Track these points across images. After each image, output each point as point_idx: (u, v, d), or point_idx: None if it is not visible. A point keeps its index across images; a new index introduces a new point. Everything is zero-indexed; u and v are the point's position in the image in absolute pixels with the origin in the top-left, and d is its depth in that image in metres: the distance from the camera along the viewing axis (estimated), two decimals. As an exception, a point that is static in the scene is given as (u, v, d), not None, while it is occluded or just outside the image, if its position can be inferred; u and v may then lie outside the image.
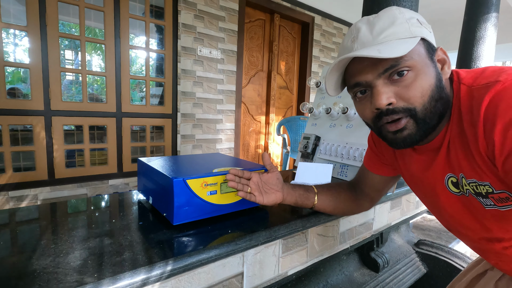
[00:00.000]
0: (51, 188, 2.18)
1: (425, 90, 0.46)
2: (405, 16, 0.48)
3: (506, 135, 0.39)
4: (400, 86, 0.47)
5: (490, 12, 2.35)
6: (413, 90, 0.46)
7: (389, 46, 0.45)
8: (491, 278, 0.67)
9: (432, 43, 0.50)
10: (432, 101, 0.47)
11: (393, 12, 0.49)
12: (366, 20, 0.50)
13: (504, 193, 0.45)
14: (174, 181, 0.65)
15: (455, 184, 0.52)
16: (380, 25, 0.47)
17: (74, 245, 0.58)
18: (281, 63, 3.69)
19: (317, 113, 1.47)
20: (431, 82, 0.47)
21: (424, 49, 0.48)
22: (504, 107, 0.39)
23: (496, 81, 0.42)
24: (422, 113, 0.47)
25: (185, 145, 2.80)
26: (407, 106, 0.47)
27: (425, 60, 0.47)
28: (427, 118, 0.48)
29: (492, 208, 0.48)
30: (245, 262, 0.67)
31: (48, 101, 2.12)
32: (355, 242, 1.02)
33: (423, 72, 0.46)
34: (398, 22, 0.47)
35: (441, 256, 1.34)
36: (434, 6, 3.89)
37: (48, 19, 2.06)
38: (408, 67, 0.46)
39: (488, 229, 0.53)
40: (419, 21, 0.48)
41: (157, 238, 0.63)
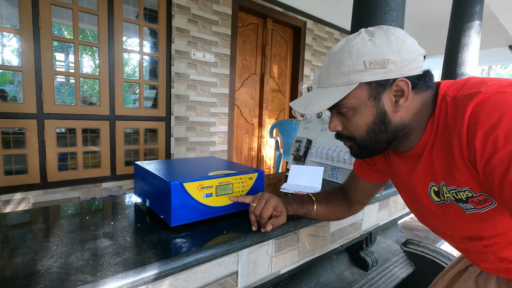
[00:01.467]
0: (44, 192, 2.17)
1: (360, 127, 0.57)
2: (352, 60, 0.52)
3: (486, 141, 0.42)
4: (344, 119, 0.59)
5: (473, 20, 2.45)
6: (351, 125, 0.58)
7: (321, 96, 0.57)
8: (471, 274, 0.71)
9: (382, 80, 0.52)
10: (370, 133, 0.57)
11: (343, 54, 0.54)
12: (331, 54, 0.57)
13: (482, 195, 0.49)
14: (171, 184, 0.68)
15: (437, 193, 0.56)
16: (331, 67, 0.56)
17: (75, 247, 0.60)
18: (273, 67, 3.74)
19: (309, 117, 1.51)
20: (366, 121, 0.56)
21: (365, 91, 0.54)
22: (484, 115, 0.43)
23: (478, 92, 0.46)
24: (360, 142, 0.59)
25: (178, 148, 2.82)
26: (348, 134, 0.60)
27: (364, 101, 0.54)
28: (366, 145, 0.59)
29: (473, 211, 0.52)
30: (240, 261, 0.70)
31: (40, 104, 2.12)
32: (345, 241, 1.06)
33: (359, 113, 0.56)
34: (341, 69, 0.54)
35: (427, 255, 1.40)
36: (421, 12, 4.01)
37: (41, 22, 2.06)
38: (346, 108, 0.56)
39: (469, 230, 0.57)
40: (367, 63, 0.51)
41: (155, 239, 0.65)
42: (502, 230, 0.53)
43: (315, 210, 0.78)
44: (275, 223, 0.71)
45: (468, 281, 0.71)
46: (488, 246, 0.57)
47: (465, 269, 0.75)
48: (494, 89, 0.45)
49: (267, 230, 0.70)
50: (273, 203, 0.70)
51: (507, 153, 0.40)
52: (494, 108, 0.42)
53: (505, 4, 3.43)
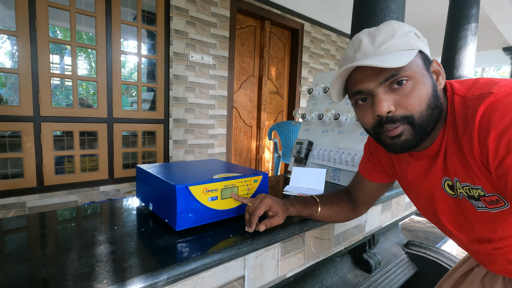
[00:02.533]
0: (40, 196, 2.14)
1: (423, 99, 0.50)
2: (404, 29, 0.51)
3: (499, 142, 0.42)
4: (399, 95, 0.50)
5: (470, 23, 2.48)
6: (411, 99, 0.49)
7: (391, 57, 0.48)
8: (477, 275, 0.71)
9: (428, 55, 0.53)
10: (429, 109, 0.50)
11: (392, 25, 0.52)
12: (367, 32, 0.53)
13: (495, 196, 0.49)
14: (176, 187, 0.67)
15: (451, 187, 0.56)
16: (381, 37, 0.51)
17: (79, 253, 0.58)
18: (271, 69, 3.74)
19: (310, 119, 1.51)
20: (428, 92, 0.50)
21: (421, 60, 0.51)
22: (498, 116, 0.43)
23: (489, 93, 0.46)
24: (419, 120, 0.50)
25: (177, 151, 2.80)
26: (405, 114, 0.50)
27: (423, 71, 0.51)
28: (423, 124, 0.51)
29: (484, 210, 0.52)
30: (247, 266, 0.69)
31: (37, 107, 2.09)
32: (348, 244, 1.05)
33: (420, 82, 0.50)
34: (397, 35, 0.50)
35: (429, 256, 1.40)
36: (417, 14, 4.05)
37: (38, 24, 2.04)
38: (407, 77, 0.49)
39: (479, 231, 0.57)
40: (416, 34, 0.52)
41: (161, 244, 0.64)
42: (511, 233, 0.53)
43: (320, 211, 0.77)
44: (268, 223, 0.70)
45: (474, 282, 0.71)
46: (498, 249, 0.56)
47: (471, 270, 0.75)
48: (506, 90, 0.45)
49: (259, 230, 0.69)
50: (268, 202, 0.69)
51: None
52: (508, 109, 0.42)
53: (499, 7, 3.48)
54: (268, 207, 0.70)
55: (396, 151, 0.54)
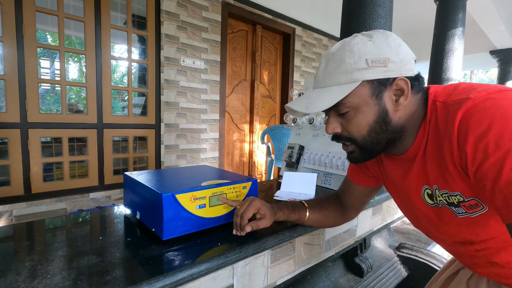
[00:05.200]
0: (27, 204, 2.09)
1: (362, 126, 0.55)
2: (354, 58, 0.52)
3: (476, 147, 0.43)
4: (345, 119, 0.57)
5: (457, 27, 2.53)
6: (352, 126, 0.56)
7: (323, 95, 0.54)
8: (463, 277, 0.72)
9: (384, 78, 0.53)
10: (371, 133, 0.55)
11: (344, 52, 0.53)
12: (328, 54, 0.56)
13: (474, 200, 0.49)
14: (163, 196, 0.66)
15: (430, 196, 0.57)
16: (330, 67, 0.54)
17: (61, 265, 0.57)
18: (263, 73, 3.75)
19: (301, 123, 1.51)
20: (369, 120, 0.54)
21: (367, 89, 0.53)
22: (475, 122, 0.43)
23: (467, 98, 0.46)
24: (362, 143, 0.57)
25: (169, 156, 2.77)
26: (349, 136, 0.57)
27: (366, 100, 0.53)
28: (367, 146, 0.57)
29: (464, 215, 0.52)
30: (235, 274, 0.68)
31: (24, 113, 2.05)
32: (340, 249, 1.05)
33: (361, 112, 0.54)
34: (342, 67, 0.52)
35: (420, 259, 1.40)
36: (405, 19, 4.12)
37: (25, 28, 2.01)
38: (347, 107, 0.54)
39: (461, 234, 0.57)
40: (369, 61, 0.51)
41: (147, 254, 0.63)
42: (493, 235, 0.54)
43: (308, 216, 0.77)
44: (255, 225, 0.69)
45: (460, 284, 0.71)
46: (480, 251, 0.57)
47: (457, 272, 0.75)
48: (484, 95, 0.45)
49: (246, 231, 0.68)
50: (256, 205, 0.69)
51: (497, 159, 0.40)
52: (485, 114, 0.43)
53: (485, 12, 3.56)
54: (256, 209, 0.69)
55: (352, 162, 0.63)
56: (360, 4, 1.40)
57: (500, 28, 4.08)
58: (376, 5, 1.38)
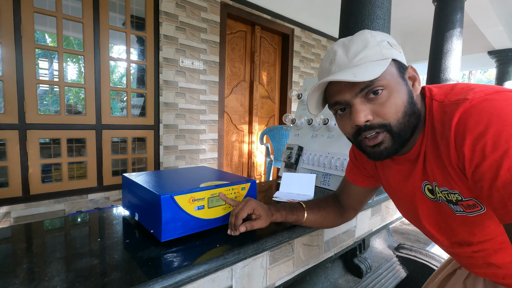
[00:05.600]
0: (26, 205, 2.08)
1: (399, 107, 0.50)
2: (376, 39, 0.52)
3: (474, 148, 0.43)
4: (376, 104, 0.51)
5: (455, 28, 2.53)
6: (387, 107, 0.50)
7: (363, 69, 0.49)
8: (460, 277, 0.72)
9: (402, 62, 0.54)
10: (405, 116, 0.51)
11: (365, 35, 0.52)
12: (341, 43, 0.54)
13: (472, 201, 0.50)
14: (161, 197, 0.66)
15: (431, 191, 0.57)
16: (354, 48, 0.51)
17: (59, 268, 0.56)
18: (262, 73, 3.75)
19: (299, 124, 1.51)
20: (403, 99, 0.51)
21: (395, 69, 0.52)
22: (472, 123, 0.43)
23: (465, 99, 0.46)
24: (397, 127, 0.51)
25: (167, 157, 2.77)
26: (383, 122, 0.51)
27: (397, 79, 0.51)
28: (401, 132, 0.52)
29: (462, 214, 0.53)
30: (234, 276, 0.68)
31: (22, 114, 2.04)
32: (339, 249, 1.05)
33: (395, 90, 0.51)
34: (370, 45, 0.51)
35: (419, 259, 1.40)
36: (403, 20, 4.13)
37: (24, 29, 2.00)
38: (382, 86, 0.50)
39: (459, 234, 0.57)
40: (390, 43, 0.52)
41: (145, 256, 0.62)
42: (490, 236, 0.54)
43: (306, 217, 0.76)
44: (249, 225, 0.67)
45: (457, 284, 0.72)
46: (477, 252, 0.57)
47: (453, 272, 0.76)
48: (481, 96, 0.45)
49: (240, 231, 0.66)
50: (251, 205, 0.68)
51: (495, 159, 0.40)
52: (482, 115, 0.43)
53: (483, 13, 3.57)
54: (251, 209, 0.69)
55: (377, 158, 0.55)
56: (358, 5, 1.40)
57: (498, 29, 4.09)
58: (374, 6, 1.38)
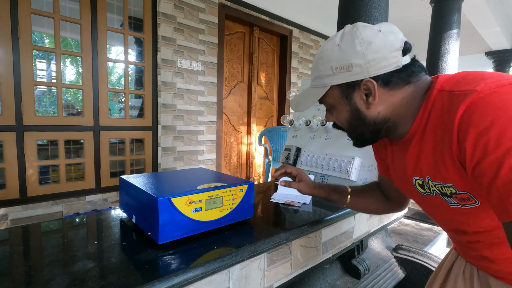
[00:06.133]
0: (23, 207, 2.07)
1: (341, 122, 0.63)
2: (323, 66, 0.59)
3: (476, 144, 0.42)
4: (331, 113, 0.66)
5: (452, 29, 2.54)
6: (337, 120, 0.65)
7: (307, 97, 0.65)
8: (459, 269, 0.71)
9: (351, 81, 0.56)
10: (351, 127, 0.62)
11: (318, 60, 0.61)
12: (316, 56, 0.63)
13: (466, 194, 0.49)
14: (158, 200, 0.66)
15: (421, 186, 0.57)
16: (312, 70, 0.63)
17: (55, 271, 0.56)
18: (261, 74, 3.76)
19: (297, 125, 1.51)
20: (345, 116, 0.61)
21: (338, 91, 0.59)
22: (477, 117, 0.42)
23: (473, 90, 0.44)
24: (350, 133, 0.65)
25: (166, 158, 2.76)
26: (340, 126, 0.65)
27: (339, 100, 0.60)
28: (353, 135, 0.64)
29: (456, 206, 0.53)
30: (231, 278, 0.68)
31: (20, 116, 2.03)
32: (337, 251, 1.05)
33: (336, 110, 0.62)
34: (316, 74, 0.61)
35: (418, 260, 1.41)
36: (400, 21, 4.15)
37: (21, 31, 1.99)
38: (327, 105, 0.64)
39: (454, 222, 0.59)
40: (333, 68, 0.57)
41: (142, 258, 0.62)
42: (485, 228, 0.54)
43: (350, 198, 0.83)
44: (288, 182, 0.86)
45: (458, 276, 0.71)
46: (472, 243, 0.58)
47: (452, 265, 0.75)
48: (491, 88, 0.43)
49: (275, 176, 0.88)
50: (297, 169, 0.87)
51: (497, 157, 0.39)
52: (489, 110, 0.41)
53: (480, 14, 3.59)
54: (296, 171, 0.86)
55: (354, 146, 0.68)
56: (356, 7, 1.41)
57: (495, 30, 4.11)
58: (371, 8, 1.39)
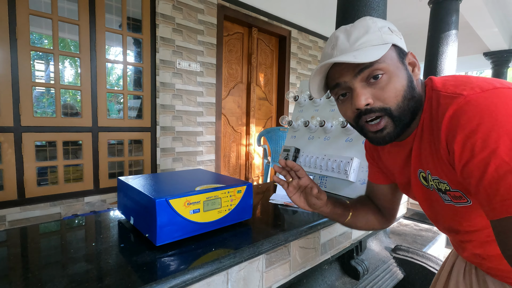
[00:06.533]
0: (21, 208, 2.06)
1: (398, 91, 0.52)
2: (377, 25, 0.53)
3: (464, 146, 0.44)
4: (376, 88, 0.52)
5: (450, 30, 2.55)
6: (387, 91, 0.52)
7: (364, 52, 0.50)
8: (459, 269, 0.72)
9: (403, 48, 0.55)
10: (405, 100, 0.52)
11: (366, 22, 0.54)
12: (343, 30, 0.55)
13: (458, 192, 0.51)
14: (156, 201, 0.65)
15: (425, 178, 0.58)
16: (356, 33, 0.53)
17: (53, 273, 0.56)
18: (259, 75, 3.76)
19: (296, 126, 1.51)
20: (403, 83, 0.52)
21: (395, 53, 0.53)
22: (465, 120, 0.44)
23: (460, 94, 0.47)
24: (397, 111, 0.52)
25: (164, 159, 2.76)
26: (383, 106, 0.52)
27: (397, 64, 0.52)
28: (401, 115, 0.53)
29: (449, 203, 0.55)
30: (230, 280, 0.68)
31: (18, 117, 2.03)
32: (335, 252, 1.05)
33: (395, 75, 0.52)
34: (371, 30, 0.52)
35: (416, 261, 1.41)
36: (398, 22, 4.16)
37: (19, 32, 1.99)
38: (381, 70, 0.51)
39: (447, 221, 0.60)
40: (390, 29, 0.54)
41: (140, 260, 0.62)
42: (476, 227, 0.55)
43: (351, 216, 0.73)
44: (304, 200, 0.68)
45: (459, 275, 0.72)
46: (465, 242, 0.60)
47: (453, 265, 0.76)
48: (477, 92, 0.45)
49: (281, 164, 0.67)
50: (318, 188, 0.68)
51: (483, 158, 0.41)
52: (475, 113, 0.43)
53: (478, 14, 3.60)
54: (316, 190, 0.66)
55: (380, 143, 0.56)
56: (354, 7, 1.41)
57: (493, 30, 4.13)
58: (370, 8, 1.39)
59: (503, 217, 0.40)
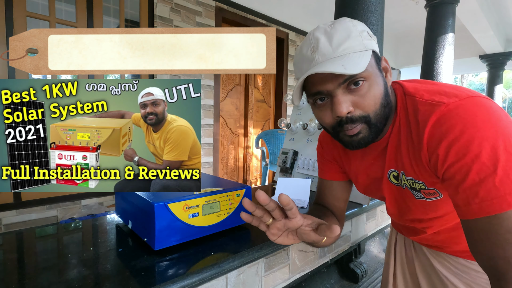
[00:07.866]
0: (17, 212, 2.04)
1: (377, 99, 0.52)
2: (357, 29, 0.51)
3: (448, 151, 0.46)
4: (356, 95, 0.51)
5: (447, 32, 2.57)
6: (367, 99, 0.51)
7: (350, 60, 0.48)
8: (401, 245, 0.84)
9: (378, 53, 0.55)
10: (382, 107, 0.53)
11: (347, 24, 0.51)
12: (323, 30, 0.52)
13: (433, 190, 0.55)
14: (155, 205, 0.65)
15: (396, 177, 0.61)
16: (338, 37, 0.50)
17: (49, 278, 0.55)
18: (257, 77, 3.76)
19: (294, 128, 1.51)
20: (381, 91, 0.52)
21: (374, 60, 0.52)
22: (448, 127, 0.46)
23: (440, 103, 0.49)
24: (374, 119, 0.53)
25: (162, 161, 2.75)
26: (362, 114, 0.52)
27: (376, 71, 0.52)
28: (378, 122, 0.53)
29: (421, 199, 0.58)
30: (229, 284, 0.67)
31: (14, 119, 2.01)
32: (334, 255, 1.05)
33: (375, 82, 0.51)
34: (353, 35, 0.50)
35: (415, 263, 1.41)
36: (396, 24, 4.19)
37: (16, 34, 1.98)
38: (363, 78, 0.50)
39: (414, 214, 0.63)
40: (369, 34, 0.52)
41: (138, 265, 0.61)
42: (438, 215, 0.60)
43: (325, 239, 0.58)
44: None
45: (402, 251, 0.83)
46: (425, 228, 0.66)
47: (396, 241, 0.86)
48: (456, 101, 0.48)
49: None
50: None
51: (466, 162, 0.44)
52: (458, 121, 0.46)
53: (474, 18, 3.64)
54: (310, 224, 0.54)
55: (354, 147, 0.56)
56: (352, 11, 1.42)
57: (488, 34, 4.17)
58: (367, 12, 1.40)
59: (478, 217, 0.43)
